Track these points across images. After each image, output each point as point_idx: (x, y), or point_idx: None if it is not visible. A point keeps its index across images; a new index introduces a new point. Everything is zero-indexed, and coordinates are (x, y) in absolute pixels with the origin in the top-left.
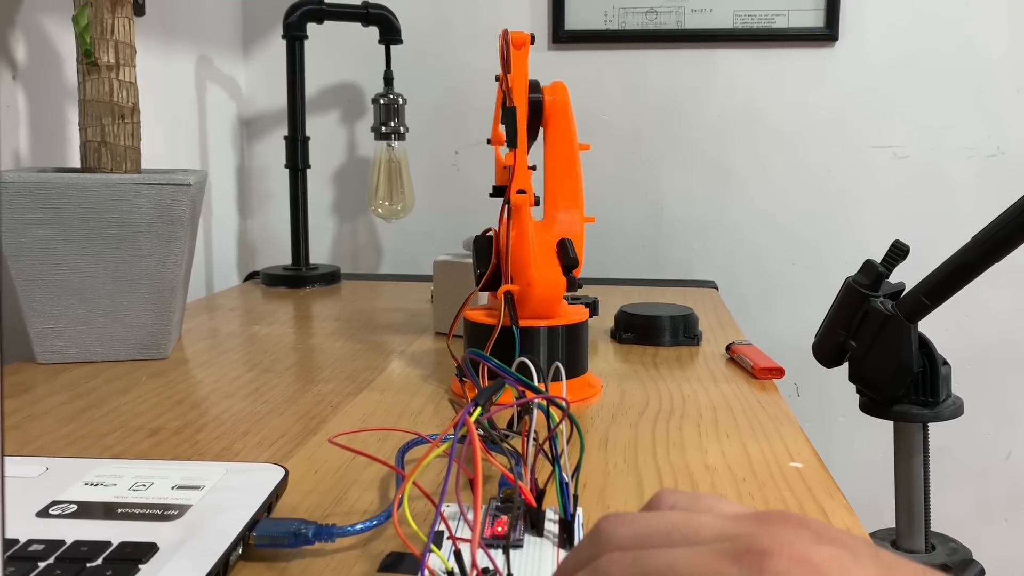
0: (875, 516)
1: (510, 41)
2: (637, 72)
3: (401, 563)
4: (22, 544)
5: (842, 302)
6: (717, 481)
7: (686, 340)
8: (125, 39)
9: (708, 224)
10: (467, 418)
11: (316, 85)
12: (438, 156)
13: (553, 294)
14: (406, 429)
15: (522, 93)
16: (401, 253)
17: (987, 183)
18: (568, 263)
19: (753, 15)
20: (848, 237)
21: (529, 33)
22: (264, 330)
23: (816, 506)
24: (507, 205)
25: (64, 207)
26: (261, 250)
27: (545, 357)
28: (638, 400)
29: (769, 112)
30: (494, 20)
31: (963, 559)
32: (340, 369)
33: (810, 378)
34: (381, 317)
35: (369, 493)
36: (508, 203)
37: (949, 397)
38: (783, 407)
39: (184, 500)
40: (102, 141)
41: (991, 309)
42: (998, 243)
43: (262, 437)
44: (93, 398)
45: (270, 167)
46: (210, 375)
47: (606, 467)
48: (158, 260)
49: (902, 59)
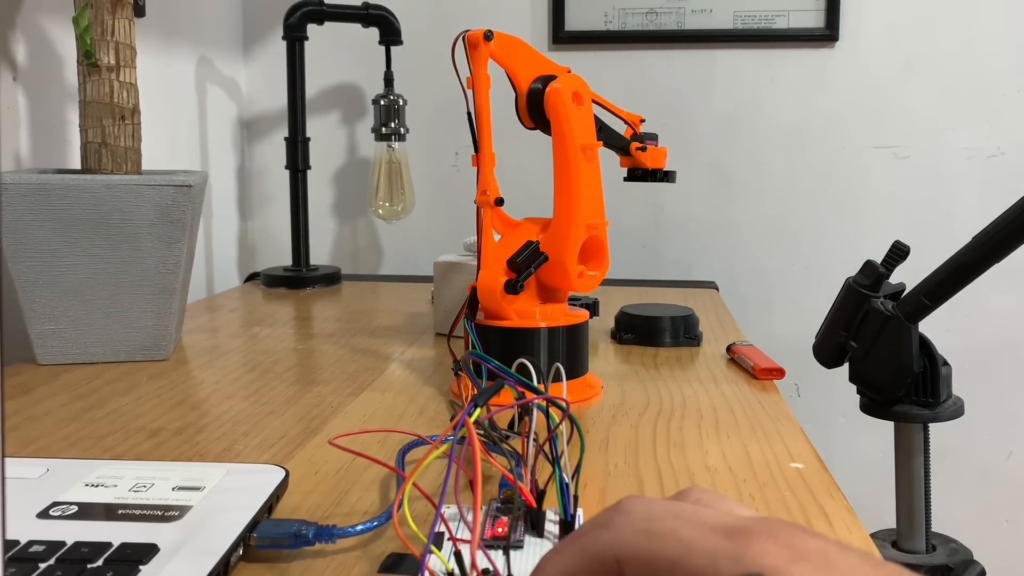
0: (876, 517)
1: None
2: (637, 73)
3: (401, 564)
4: (23, 545)
5: (842, 303)
6: (718, 482)
7: (686, 341)
8: (126, 40)
9: (709, 225)
10: (466, 419)
11: (316, 86)
12: (438, 157)
13: (490, 294)
14: (406, 430)
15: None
16: (401, 254)
17: (987, 184)
18: (509, 262)
19: (753, 16)
20: (848, 238)
21: (483, 30)
22: (264, 331)
23: (817, 507)
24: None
25: (65, 208)
26: (261, 251)
27: (545, 358)
28: (639, 401)
29: (769, 113)
30: (494, 21)
31: (964, 560)
32: (340, 370)
33: (811, 379)
34: (381, 318)
35: (369, 494)
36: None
37: (950, 397)
38: (784, 408)
39: (185, 501)
40: (103, 142)
41: (992, 310)
42: (999, 243)
43: (263, 438)
44: (94, 399)
45: (270, 168)
46: (211, 376)
47: (607, 468)
48: (159, 261)
49: (902, 60)
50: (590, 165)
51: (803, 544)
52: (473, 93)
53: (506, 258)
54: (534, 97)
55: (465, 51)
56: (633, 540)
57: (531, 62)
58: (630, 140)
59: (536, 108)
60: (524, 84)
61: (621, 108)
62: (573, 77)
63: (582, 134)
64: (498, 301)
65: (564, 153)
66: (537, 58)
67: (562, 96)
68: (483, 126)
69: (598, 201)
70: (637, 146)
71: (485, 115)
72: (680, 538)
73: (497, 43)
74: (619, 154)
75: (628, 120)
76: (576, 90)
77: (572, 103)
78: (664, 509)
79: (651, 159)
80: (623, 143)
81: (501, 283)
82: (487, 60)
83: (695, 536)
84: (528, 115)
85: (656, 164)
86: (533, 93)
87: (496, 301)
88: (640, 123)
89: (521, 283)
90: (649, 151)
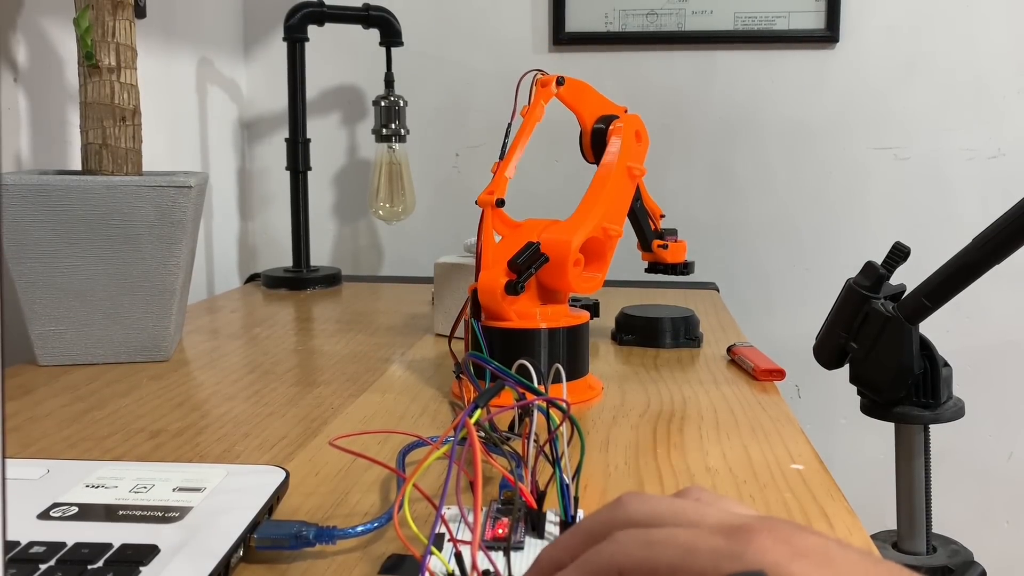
0: (876, 518)
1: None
2: (638, 74)
3: (402, 565)
4: (23, 546)
5: (843, 304)
6: (718, 483)
7: (687, 342)
8: (126, 41)
9: (709, 226)
10: (467, 420)
11: (317, 87)
12: (439, 158)
13: (490, 295)
14: (407, 432)
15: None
16: (402, 255)
17: (988, 185)
18: (510, 263)
19: (754, 17)
20: (849, 239)
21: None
22: (265, 332)
23: (817, 508)
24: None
25: (65, 209)
26: (262, 252)
27: (546, 359)
28: (639, 402)
29: (770, 114)
30: (495, 22)
31: (964, 561)
32: (341, 371)
33: (811, 380)
34: (382, 319)
35: (370, 495)
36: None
37: (950, 399)
38: (784, 409)
39: (185, 502)
40: (103, 143)
41: (992, 311)
42: (999, 244)
43: (263, 439)
44: (94, 400)
45: (271, 169)
46: (211, 377)
47: (607, 469)
48: (159, 262)
49: (903, 61)
50: (628, 182)
51: (803, 541)
52: (523, 120)
53: (507, 259)
54: (598, 136)
55: (531, 88)
56: (634, 551)
57: (596, 104)
58: (652, 235)
59: (599, 145)
60: (589, 123)
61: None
62: (634, 117)
63: (633, 159)
64: (499, 302)
65: (609, 167)
66: (601, 100)
67: (626, 131)
68: (516, 148)
69: (621, 214)
70: (659, 243)
71: (524, 140)
72: (679, 542)
73: (567, 88)
74: (640, 245)
75: (651, 212)
76: (638, 129)
77: (633, 137)
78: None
79: (671, 255)
80: (650, 233)
81: (502, 284)
82: (549, 100)
83: (694, 538)
84: (591, 151)
85: (676, 259)
86: (597, 132)
87: (497, 302)
88: (660, 217)
89: (522, 284)
90: (670, 248)
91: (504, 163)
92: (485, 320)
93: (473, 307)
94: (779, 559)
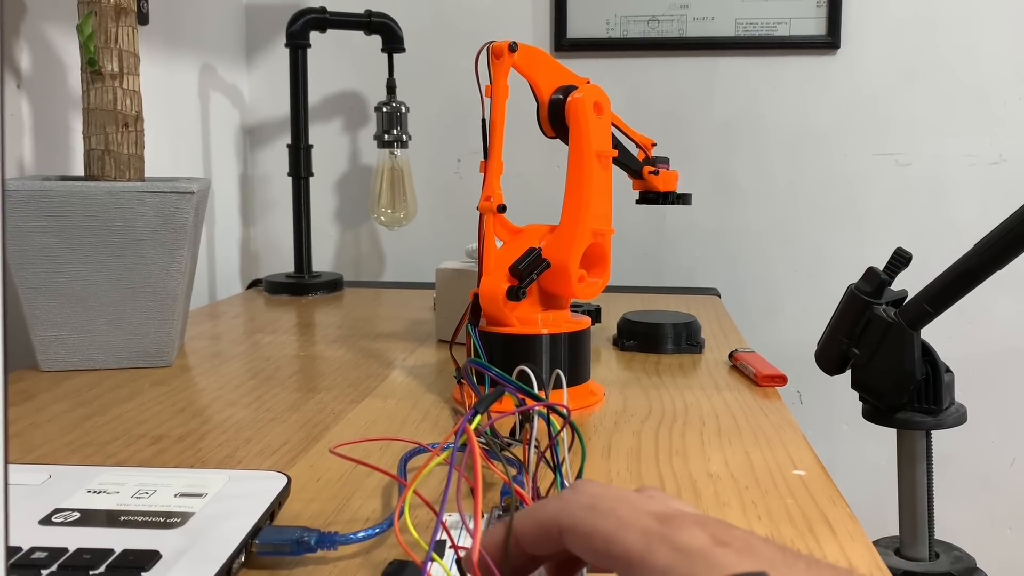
0: (879, 524)
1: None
2: (639, 80)
3: (403, 571)
4: (25, 552)
5: (844, 309)
6: (720, 489)
7: (689, 348)
8: (129, 48)
9: (710, 232)
10: (467, 426)
11: (319, 93)
12: (441, 164)
13: (492, 301)
14: (407, 439)
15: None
16: (403, 261)
17: (989, 190)
18: (511, 269)
19: (755, 23)
20: (850, 245)
21: (508, 42)
22: (267, 338)
23: (819, 513)
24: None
25: (68, 215)
26: (264, 258)
27: (547, 365)
28: (641, 408)
29: (771, 120)
30: (497, 28)
31: (967, 567)
32: (342, 377)
33: (813, 386)
34: (383, 325)
35: (371, 501)
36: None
37: (952, 404)
38: (786, 415)
39: (187, 508)
40: (106, 149)
41: (994, 316)
42: (1001, 250)
43: (265, 445)
44: (96, 406)
45: (273, 175)
46: (213, 383)
47: (609, 475)
48: (161, 268)
49: (904, 67)
50: (603, 172)
51: (727, 533)
52: (491, 102)
53: (508, 265)
54: (555, 107)
55: (488, 61)
56: (577, 512)
57: (553, 73)
58: (643, 163)
59: (557, 117)
60: (546, 94)
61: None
62: (594, 87)
63: (599, 141)
64: (500, 308)
65: (579, 158)
66: (559, 69)
67: (584, 104)
68: (496, 135)
69: (607, 209)
70: (650, 169)
71: (499, 125)
72: (619, 516)
73: (521, 55)
74: (631, 176)
75: (640, 143)
76: (597, 100)
77: (593, 112)
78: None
79: (663, 182)
80: (636, 165)
81: (503, 290)
82: (508, 71)
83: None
84: (549, 124)
85: (668, 187)
86: (555, 103)
87: (498, 307)
88: (652, 147)
89: (523, 290)
90: (661, 174)
91: (491, 160)
92: (487, 326)
93: (472, 312)
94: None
